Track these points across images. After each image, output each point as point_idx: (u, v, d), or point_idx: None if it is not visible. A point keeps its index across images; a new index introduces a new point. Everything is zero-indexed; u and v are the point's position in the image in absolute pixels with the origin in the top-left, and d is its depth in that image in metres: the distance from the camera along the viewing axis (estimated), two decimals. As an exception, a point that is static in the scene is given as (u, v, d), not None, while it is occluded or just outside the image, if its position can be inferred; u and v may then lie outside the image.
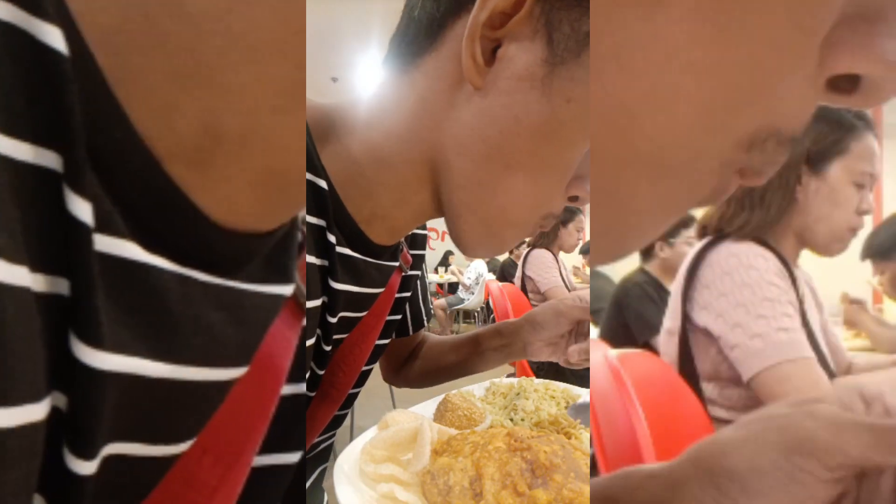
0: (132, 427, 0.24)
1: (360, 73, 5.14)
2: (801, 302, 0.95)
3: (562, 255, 2.87)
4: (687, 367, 0.98)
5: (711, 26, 0.18)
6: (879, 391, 0.30)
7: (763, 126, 0.20)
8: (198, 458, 0.28)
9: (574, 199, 0.50)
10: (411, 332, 0.79)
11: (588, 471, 0.44)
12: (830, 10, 0.18)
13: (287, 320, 0.32)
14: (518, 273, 2.87)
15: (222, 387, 0.28)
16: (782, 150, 0.21)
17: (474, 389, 0.80)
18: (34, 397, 0.19)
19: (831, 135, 0.98)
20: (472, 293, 5.99)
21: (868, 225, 1.08)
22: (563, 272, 2.79)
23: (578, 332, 0.74)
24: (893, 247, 1.84)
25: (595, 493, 0.35)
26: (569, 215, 2.78)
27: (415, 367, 0.84)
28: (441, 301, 6.20)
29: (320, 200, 0.47)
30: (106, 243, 0.22)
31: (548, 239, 2.77)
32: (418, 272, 0.74)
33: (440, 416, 0.66)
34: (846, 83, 0.20)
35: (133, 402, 0.23)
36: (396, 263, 0.61)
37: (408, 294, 0.71)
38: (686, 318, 0.99)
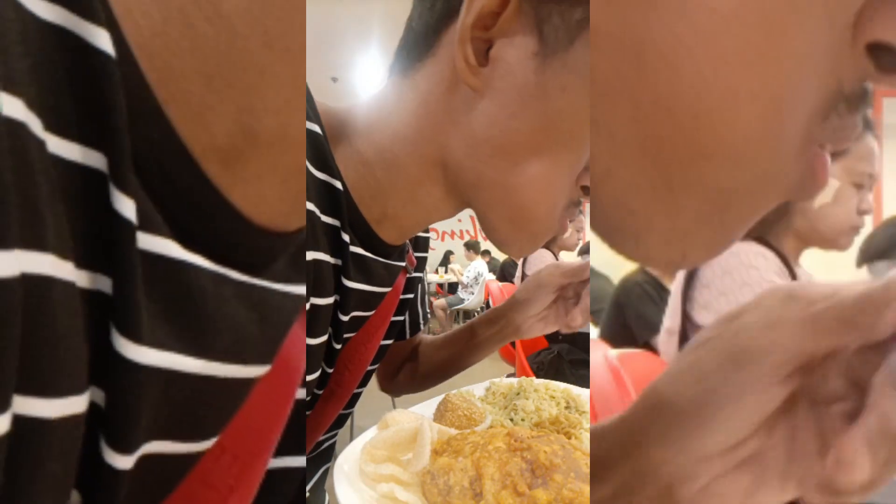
0: (165, 423, 0.25)
1: (360, 73, 5.14)
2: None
3: (562, 254, 2.87)
4: (687, 366, 0.98)
5: (756, 20, 0.18)
6: (802, 287, 0.29)
7: (828, 92, 0.20)
8: (217, 457, 0.28)
9: (585, 189, 0.49)
10: (409, 336, 0.79)
11: (588, 471, 0.44)
12: None
13: (301, 321, 0.33)
14: (518, 273, 2.87)
15: (247, 384, 0.29)
16: (853, 108, 0.21)
17: (474, 389, 0.80)
18: (77, 390, 0.19)
19: (831, 135, 0.98)
20: (472, 293, 5.99)
21: (868, 225, 1.08)
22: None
23: (566, 298, 0.74)
24: (888, 250, 1.84)
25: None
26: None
27: (410, 370, 0.83)
28: (441, 301, 6.20)
29: (335, 201, 0.48)
30: (147, 241, 0.22)
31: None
32: (421, 274, 0.74)
33: (440, 416, 0.65)
34: (890, 62, 0.20)
35: (167, 398, 0.24)
36: (403, 263, 0.61)
37: (411, 295, 0.72)
38: (686, 318, 0.99)
